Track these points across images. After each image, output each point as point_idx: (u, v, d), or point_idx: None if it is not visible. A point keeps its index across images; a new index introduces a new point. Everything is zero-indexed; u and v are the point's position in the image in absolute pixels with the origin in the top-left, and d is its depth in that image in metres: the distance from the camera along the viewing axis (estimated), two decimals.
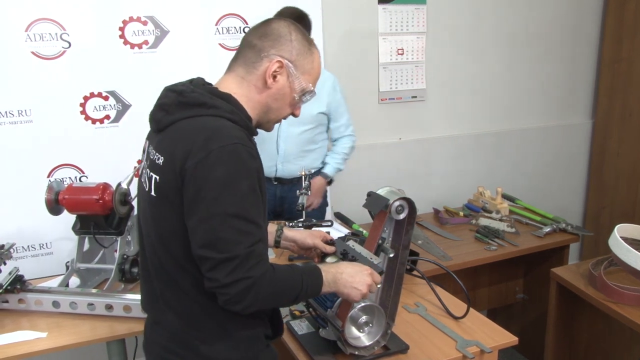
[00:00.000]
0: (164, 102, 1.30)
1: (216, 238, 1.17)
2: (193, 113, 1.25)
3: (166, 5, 2.70)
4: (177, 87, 1.30)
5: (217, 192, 1.16)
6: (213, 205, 1.17)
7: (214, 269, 1.17)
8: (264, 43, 1.31)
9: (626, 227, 2.24)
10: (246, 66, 1.32)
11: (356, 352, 1.59)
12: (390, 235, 1.59)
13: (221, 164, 1.17)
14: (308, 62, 1.35)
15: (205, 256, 1.18)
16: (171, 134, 1.26)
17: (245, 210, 1.19)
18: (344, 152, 2.87)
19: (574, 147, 4.03)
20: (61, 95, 2.61)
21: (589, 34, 3.87)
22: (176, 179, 1.21)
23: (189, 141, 1.20)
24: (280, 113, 1.38)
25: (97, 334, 1.85)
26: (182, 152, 1.20)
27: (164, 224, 1.28)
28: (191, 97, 1.26)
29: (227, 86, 1.32)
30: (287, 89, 1.33)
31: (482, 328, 1.77)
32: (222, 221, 1.17)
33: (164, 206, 1.26)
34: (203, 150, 1.17)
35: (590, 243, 3.99)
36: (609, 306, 2.09)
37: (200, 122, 1.23)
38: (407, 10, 3.26)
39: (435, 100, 3.49)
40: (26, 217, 2.62)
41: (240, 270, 1.17)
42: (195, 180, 1.18)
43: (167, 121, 1.28)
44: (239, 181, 1.18)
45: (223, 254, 1.16)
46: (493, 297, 3.01)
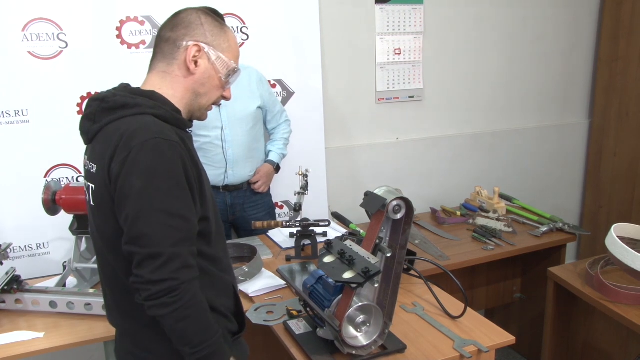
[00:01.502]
0: (89, 112, 1.32)
1: (140, 233, 1.16)
2: (117, 116, 1.25)
3: (163, 6, 2.69)
4: (100, 95, 1.31)
5: (140, 187, 1.17)
6: (137, 201, 1.17)
7: (140, 265, 1.17)
8: (176, 33, 1.33)
9: (623, 227, 2.24)
10: (165, 59, 1.33)
11: (354, 351, 1.60)
12: (387, 235, 1.60)
13: (142, 159, 1.17)
14: (223, 40, 1.35)
15: (131, 251, 1.18)
16: (99, 141, 1.28)
17: (170, 205, 1.18)
18: (285, 138, 2.85)
19: (571, 146, 4.04)
20: (58, 95, 2.60)
21: (586, 34, 3.88)
22: (107, 183, 1.22)
23: (113, 143, 1.21)
24: (210, 97, 1.38)
25: (95, 334, 1.85)
26: (109, 155, 1.21)
27: (106, 231, 1.28)
28: (112, 100, 1.27)
29: (151, 84, 1.34)
30: (211, 71, 1.34)
31: (480, 327, 1.77)
32: (146, 216, 1.16)
33: (102, 213, 1.27)
34: (124, 150, 1.18)
35: (588, 242, 4.00)
36: (606, 305, 2.09)
37: (124, 123, 1.23)
38: (405, 10, 3.26)
39: (432, 100, 3.49)
40: (23, 217, 2.62)
41: (166, 269, 1.16)
42: (120, 180, 1.18)
43: (94, 130, 1.29)
44: (161, 175, 1.18)
45: (147, 248, 1.16)
46: (490, 296, 3.01)
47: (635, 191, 3.67)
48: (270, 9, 2.88)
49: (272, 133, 2.86)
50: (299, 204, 2.47)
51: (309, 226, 2.37)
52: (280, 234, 2.65)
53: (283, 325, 1.81)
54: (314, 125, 3.12)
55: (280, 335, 1.77)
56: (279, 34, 2.91)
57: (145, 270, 1.16)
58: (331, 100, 3.21)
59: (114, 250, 1.28)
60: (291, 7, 2.92)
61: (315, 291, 1.66)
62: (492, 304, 3.06)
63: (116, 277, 1.32)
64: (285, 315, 1.88)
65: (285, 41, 2.93)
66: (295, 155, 2.94)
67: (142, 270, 1.16)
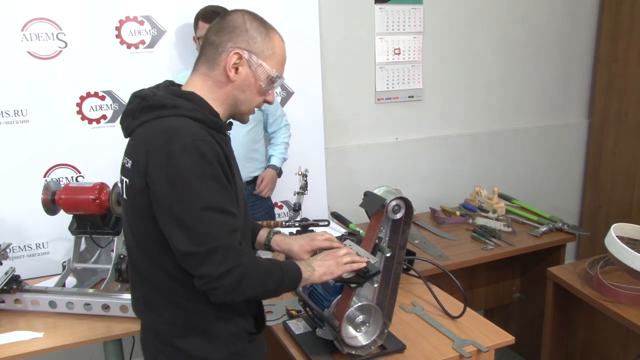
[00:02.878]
0: (130, 108, 1.34)
1: (194, 233, 1.19)
2: (155, 115, 1.27)
3: (163, 5, 2.69)
4: (142, 92, 1.33)
5: (184, 189, 1.18)
6: (183, 203, 1.19)
7: (202, 264, 1.19)
8: (221, 38, 1.32)
9: (622, 227, 2.24)
10: (208, 63, 1.34)
11: (353, 351, 1.60)
12: (387, 235, 1.60)
13: (183, 162, 1.18)
14: (268, 47, 1.35)
15: (189, 252, 1.20)
16: (136, 137, 1.30)
17: (216, 202, 1.21)
18: (285, 142, 2.88)
19: (570, 146, 4.04)
20: (57, 95, 2.60)
21: (585, 34, 3.88)
22: (141, 182, 1.24)
23: (150, 143, 1.23)
24: (251, 103, 1.39)
25: (94, 334, 1.85)
26: (144, 154, 1.23)
27: (137, 227, 1.32)
28: (153, 100, 1.29)
29: (192, 84, 1.35)
30: (251, 78, 1.34)
31: (479, 327, 1.77)
32: (196, 216, 1.19)
33: (134, 209, 1.30)
34: (164, 152, 1.19)
35: (587, 242, 4.00)
36: (606, 305, 2.09)
37: (161, 124, 1.25)
38: (404, 10, 3.26)
39: (431, 100, 3.49)
40: (23, 217, 2.62)
41: (229, 259, 1.20)
42: (161, 184, 1.20)
43: (133, 126, 1.31)
44: (203, 175, 1.20)
45: (204, 246, 1.19)
46: (490, 296, 3.01)
47: (634, 191, 3.67)
48: (269, 8, 2.88)
49: (273, 137, 2.87)
50: (299, 204, 2.47)
51: (309, 226, 2.37)
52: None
53: (282, 325, 1.82)
54: (313, 125, 3.12)
55: (279, 335, 1.77)
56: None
57: (210, 267, 1.19)
58: (330, 100, 3.21)
59: (143, 248, 1.32)
60: (290, 7, 2.92)
61: (315, 291, 1.66)
62: (492, 304, 3.06)
63: (143, 271, 1.36)
64: (284, 315, 1.88)
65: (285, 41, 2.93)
66: (294, 155, 2.94)
67: (206, 267, 1.19)
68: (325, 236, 1.59)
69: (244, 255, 1.24)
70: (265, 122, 2.82)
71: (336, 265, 1.44)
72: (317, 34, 3.02)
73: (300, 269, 1.38)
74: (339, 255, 1.46)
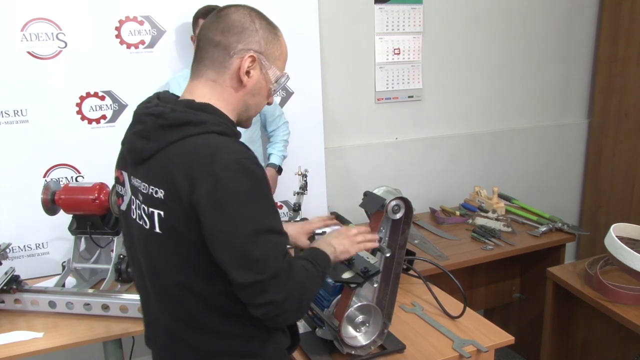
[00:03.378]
0: (141, 128, 1.18)
1: (253, 260, 1.09)
2: (180, 135, 1.14)
3: (162, 5, 2.69)
4: (152, 109, 1.18)
5: (238, 213, 1.09)
6: (238, 228, 1.09)
7: (264, 292, 1.11)
8: (229, 39, 1.20)
9: (622, 227, 2.24)
10: (215, 67, 1.21)
11: (353, 351, 1.60)
12: (386, 235, 1.60)
13: (232, 184, 1.08)
14: (277, 48, 1.27)
15: (249, 282, 1.10)
16: (162, 162, 1.15)
17: (270, 222, 1.13)
18: (284, 140, 2.88)
19: (570, 146, 4.04)
20: (57, 95, 2.60)
21: (585, 34, 3.88)
22: (186, 211, 1.11)
23: (188, 168, 1.10)
24: (259, 107, 1.30)
25: (94, 334, 1.85)
26: (185, 181, 1.10)
27: (179, 260, 1.18)
28: (172, 117, 1.15)
29: (202, 94, 1.22)
30: (262, 82, 1.25)
31: (479, 327, 1.77)
32: (253, 241, 1.09)
33: (175, 242, 1.16)
34: (209, 176, 1.08)
35: (587, 242, 4.00)
36: (605, 305, 2.09)
37: (192, 144, 1.13)
38: (404, 10, 3.26)
39: (431, 100, 3.49)
40: (22, 217, 2.61)
41: (288, 282, 1.13)
42: (212, 210, 1.09)
43: (151, 149, 1.16)
44: (255, 195, 1.11)
45: (266, 273, 1.10)
46: (489, 296, 3.01)
47: (634, 191, 3.67)
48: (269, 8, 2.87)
49: (272, 135, 2.87)
50: (298, 204, 2.47)
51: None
52: None
53: None
54: (313, 125, 3.12)
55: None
56: None
57: (271, 294, 1.11)
58: (330, 100, 3.21)
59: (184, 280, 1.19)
60: (290, 7, 2.92)
61: None
62: (491, 304, 3.06)
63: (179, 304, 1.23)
64: None
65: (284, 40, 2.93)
66: (294, 155, 2.94)
67: (268, 295, 1.11)
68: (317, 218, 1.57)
69: (299, 274, 1.17)
70: (263, 122, 2.82)
71: (351, 244, 1.41)
72: (317, 34, 3.02)
73: (326, 252, 1.33)
74: (352, 234, 1.44)
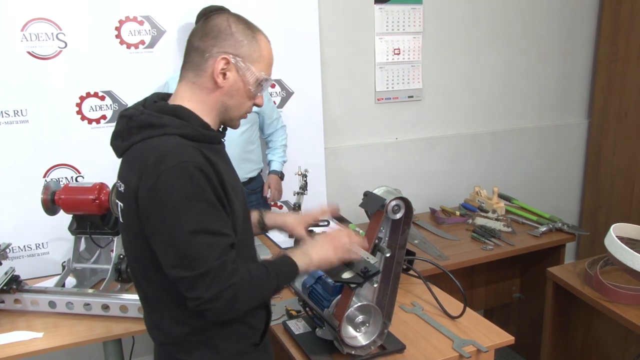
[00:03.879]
0: (118, 129, 1.31)
1: (185, 257, 1.17)
2: (144, 136, 1.24)
3: (162, 5, 2.69)
4: (127, 111, 1.29)
5: (174, 213, 1.16)
6: (173, 226, 1.17)
7: (192, 287, 1.18)
8: (205, 43, 1.27)
9: (622, 227, 2.24)
10: (194, 70, 1.29)
11: (353, 351, 1.60)
12: (386, 235, 1.60)
13: (172, 185, 1.16)
14: (255, 50, 1.30)
15: (180, 276, 1.18)
16: (126, 159, 1.28)
17: (206, 225, 1.18)
18: (283, 145, 2.90)
19: (570, 146, 4.04)
20: (57, 95, 2.60)
21: (585, 34, 3.88)
22: (133, 205, 1.22)
23: (139, 166, 1.20)
24: (241, 108, 1.35)
25: (94, 334, 1.85)
26: (135, 178, 1.20)
27: (134, 249, 1.31)
28: (139, 119, 1.25)
29: (180, 95, 1.30)
30: (239, 83, 1.29)
31: (479, 327, 1.77)
32: (186, 240, 1.17)
33: (130, 232, 1.28)
34: (152, 175, 1.17)
35: (587, 242, 4.00)
36: (605, 305, 2.09)
37: (149, 145, 1.22)
38: (404, 10, 3.26)
39: (431, 100, 3.50)
40: (22, 217, 2.62)
41: (219, 281, 1.18)
42: (150, 206, 1.18)
43: (123, 147, 1.29)
44: (192, 198, 1.17)
45: (195, 270, 1.17)
46: (489, 296, 3.01)
47: (634, 191, 3.67)
48: (269, 8, 2.88)
49: (270, 140, 2.89)
50: (298, 204, 2.47)
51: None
52: (279, 234, 2.63)
53: (282, 325, 1.81)
54: (313, 125, 3.12)
55: (279, 335, 1.77)
56: (278, 33, 2.91)
57: (200, 290, 1.17)
58: (330, 100, 3.21)
59: (144, 269, 1.31)
60: (290, 7, 2.92)
61: (315, 291, 1.66)
62: (491, 304, 3.06)
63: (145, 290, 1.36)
64: (284, 315, 1.88)
65: (284, 41, 2.93)
66: (294, 156, 2.94)
67: (196, 291, 1.18)
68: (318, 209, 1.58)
69: (235, 275, 1.21)
70: (261, 124, 2.83)
71: (334, 253, 1.42)
72: (317, 34, 3.02)
73: (296, 262, 1.35)
74: (339, 239, 1.44)
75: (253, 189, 2.83)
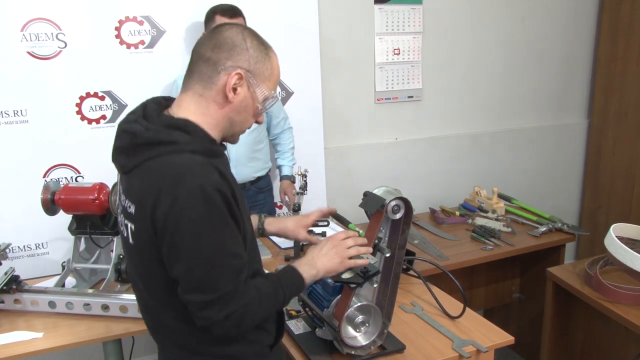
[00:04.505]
0: (120, 144, 1.24)
1: (200, 282, 1.16)
2: (153, 153, 1.18)
3: (162, 5, 2.69)
4: (131, 127, 1.22)
5: (191, 237, 1.14)
6: (190, 251, 1.15)
7: (205, 309, 1.17)
8: (218, 55, 1.23)
9: (622, 227, 2.24)
10: (203, 82, 1.24)
11: (353, 351, 1.60)
12: (386, 235, 1.60)
13: (189, 208, 1.13)
14: (267, 68, 1.27)
15: (192, 300, 1.17)
16: (137, 178, 1.21)
17: (223, 247, 1.17)
18: (291, 148, 2.91)
19: (569, 146, 4.04)
20: (57, 95, 2.60)
21: (585, 34, 3.88)
22: (148, 228, 1.18)
23: (154, 188, 1.15)
24: (245, 125, 1.32)
25: (94, 334, 1.85)
26: (150, 199, 1.15)
27: (145, 271, 1.28)
28: (146, 137, 1.19)
29: (186, 107, 1.25)
30: (249, 100, 1.26)
31: (479, 327, 1.77)
32: (202, 264, 1.15)
33: (144, 254, 1.23)
34: (169, 197, 1.13)
35: (586, 242, 4.00)
36: (605, 305, 2.09)
37: (162, 164, 1.17)
38: (404, 10, 3.26)
39: (431, 100, 3.49)
40: (22, 217, 2.62)
41: (232, 303, 1.18)
42: (167, 229, 1.15)
43: (131, 164, 1.22)
44: (209, 221, 1.15)
45: (210, 294, 1.16)
46: (489, 296, 3.01)
47: (634, 191, 3.67)
48: (268, 8, 2.88)
49: (277, 144, 2.89)
50: (298, 204, 2.47)
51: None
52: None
53: None
54: (313, 126, 3.12)
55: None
56: (278, 33, 2.91)
57: (211, 312, 1.17)
58: (330, 101, 3.21)
59: (153, 291, 1.29)
60: (290, 7, 2.92)
61: (314, 291, 1.66)
62: (491, 304, 3.06)
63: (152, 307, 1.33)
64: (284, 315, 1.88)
65: (284, 41, 2.93)
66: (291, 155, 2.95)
67: (207, 312, 1.17)
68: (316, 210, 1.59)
69: (246, 296, 1.20)
70: (268, 124, 2.83)
71: (340, 263, 1.41)
72: (317, 34, 3.02)
73: (302, 276, 1.35)
74: (345, 248, 1.43)
75: (261, 187, 2.83)
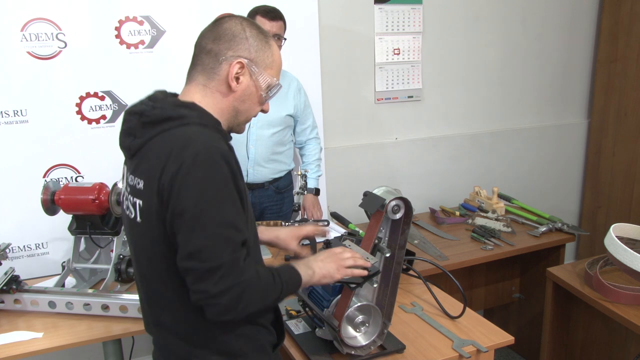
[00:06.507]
0: (128, 127, 1.27)
1: (199, 248, 1.13)
2: (161, 129, 1.21)
3: (162, 5, 2.69)
4: (137, 108, 1.26)
5: (195, 200, 1.13)
6: (194, 216, 1.13)
7: (200, 280, 1.14)
8: (219, 46, 1.26)
9: (622, 227, 2.24)
10: (206, 73, 1.27)
11: (353, 351, 1.60)
12: (386, 235, 1.60)
13: (195, 171, 1.13)
14: (267, 55, 1.30)
15: (189, 267, 1.15)
16: (145, 155, 1.22)
17: (227, 216, 1.16)
18: (317, 159, 2.86)
19: (569, 146, 4.04)
20: (57, 95, 2.60)
21: (585, 34, 3.88)
22: (155, 198, 1.17)
23: (162, 157, 1.17)
24: (250, 113, 1.34)
25: (93, 334, 1.85)
26: (159, 168, 1.16)
27: (153, 249, 1.25)
28: (153, 114, 1.22)
29: (190, 97, 1.28)
30: (252, 88, 1.29)
31: (479, 327, 1.77)
32: (202, 230, 1.14)
33: (151, 231, 1.22)
34: (176, 162, 1.14)
35: (586, 242, 4.01)
36: (605, 305, 2.09)
37: (171, 136, 1.19)
38: (404, 10, 3.26)
39: (431, 100, 3.50)
40: (22, 217, 2.62)
41: (229, 277, 1.15)
42: (172, 194, 1.14)
43: (137, 145, 1.24)
44: (214, 187, 1.14)
45: (207, 262, 1.13)
46: (489, 296, 3.01)
47: (634, 191, 3.67)
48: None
49: (303, 154, 2.86)
50: (298, 204, 2.47)
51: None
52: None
53: None
54: None
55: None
56: None
57: (207, 284, 1.14)
58: (330, 100, 3.21)
59: (161, 271, 1.26)
60: (290, 7, 2.92)
61: (314, 291, 1.66)
62: (491, 304, 3.06)
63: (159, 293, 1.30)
64: (284, 315, 1.88)
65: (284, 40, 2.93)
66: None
67: (203, 284, 1.14)
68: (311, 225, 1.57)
69: (246, 273, 1.17)
70: (294, 128, 2.81)
71: (337, 270, 1.41)
72: (317, 34, 3.02)
73: (300, 273, 1.34)
74: (342, 258, 1.43)
75: (281, 188, 2.79)
